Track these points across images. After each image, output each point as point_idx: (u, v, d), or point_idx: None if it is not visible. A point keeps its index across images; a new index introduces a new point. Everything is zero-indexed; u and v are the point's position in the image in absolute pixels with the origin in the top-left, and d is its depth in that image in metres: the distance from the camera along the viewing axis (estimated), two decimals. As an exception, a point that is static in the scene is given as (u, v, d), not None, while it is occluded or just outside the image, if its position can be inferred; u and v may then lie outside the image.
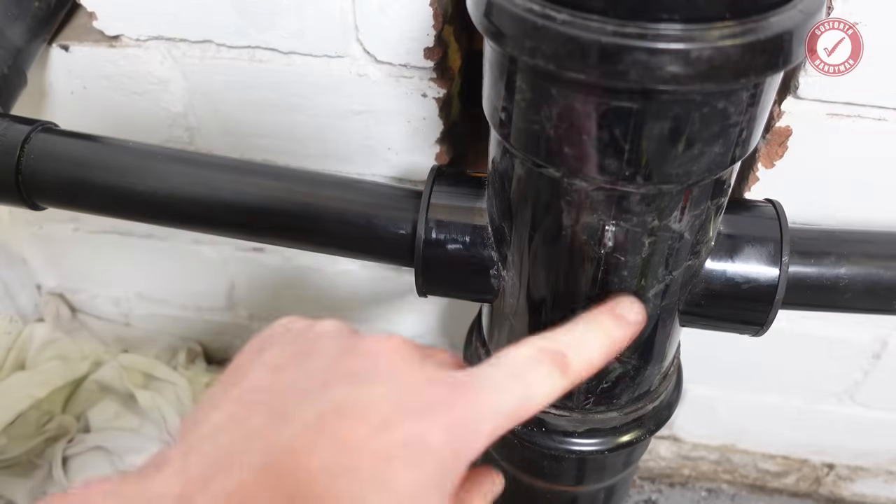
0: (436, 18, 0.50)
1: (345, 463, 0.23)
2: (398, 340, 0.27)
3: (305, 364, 0.26)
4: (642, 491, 0.91)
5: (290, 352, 0.27)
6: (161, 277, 0.83)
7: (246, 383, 0.26)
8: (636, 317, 0.32)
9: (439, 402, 0.25)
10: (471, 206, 0.40)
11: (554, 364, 0.27)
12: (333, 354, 0.27)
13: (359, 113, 0.58)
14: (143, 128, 0.64)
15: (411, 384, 0.25)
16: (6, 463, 0.78)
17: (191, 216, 0.44)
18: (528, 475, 0.50)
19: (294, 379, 0.26)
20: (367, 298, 0.77)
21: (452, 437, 0.24)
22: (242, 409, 0.25)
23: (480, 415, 0.25)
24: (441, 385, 0.25)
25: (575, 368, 0.28)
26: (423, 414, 0.24)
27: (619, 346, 0.30)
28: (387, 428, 0.23)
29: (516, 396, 0.26)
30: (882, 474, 0.87)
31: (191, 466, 0.23)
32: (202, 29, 0.55)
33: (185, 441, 0.25)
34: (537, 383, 0.27)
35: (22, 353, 0.86)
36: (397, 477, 0.23)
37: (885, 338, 0.68)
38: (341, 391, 0.25)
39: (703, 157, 0.30)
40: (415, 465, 0.23)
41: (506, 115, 0.32)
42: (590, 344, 0.29)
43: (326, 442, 0.23)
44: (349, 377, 0.25)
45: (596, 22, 0.25)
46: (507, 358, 0.27)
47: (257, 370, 0.27)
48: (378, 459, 0.23)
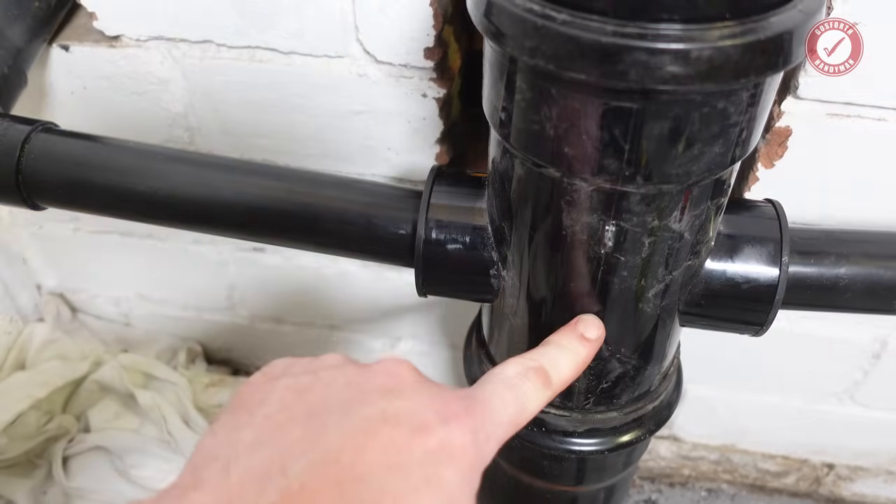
0: (436, 18, 0.50)
1: (396, 462, 0.24)
2: (408, 363, 0.30)
3: (330, 386, 0.28)
4: (642, 491, 0.91)
5: (308, 378, 0.28)
6: (161, 277, 0.83)
7: (272, 405, 0.27)
8: (596, 333, 0.36)
9: (460, 413, 0.27)
10: (471, 206, 0.40)
11: (538, 378, 0.32)
12: (354, 376, 0.28)
13: (359, 113, 0.58)
14: (143, 128, 0.64)
15: (435, 398, 0.28)
16: (6, 463, 0.78)
17: (191, 216, 0.44)
18: (528, 475, 0.50)
19: (324, 397, 0.27)
20: (367, 298, 0.77)
21: (476, 439, 0.27)
22: (277, 425, 0.26)
23: (492, 422, 0.28)
24: (457, 399, 0.28)
25: (554, 382, 0.33)
26: (450, 421, 0.27)
27: (584, 362, 0.35)
28: (427, 433, 0.26)
29: (515, 406, 0.30)
30: (882, 474, 0.87)
31: (233, 480, 0.24)
32: (202, 29, 0.55)
33: (216, 459, 0.25)
34: (529, 395, 0.31)
35: (22, 353, 0.86)
36: (442, 475, 0.25)
37: (885, 338, 0.68)
38: (379, 403, 0.27)
39: (703, 157, 0.30)
40: (453, 463, 0.26)
41: (506, 115, 0.32)
42: (562, 363, 0.34)
43: (376, 444, 0.25)
44: (381, 392, 0.27)
45: (596, 22, 0.25)
46: (501, 374, 0.31)
47: (281, 392, 0.28)
48: (424, 460, 0.25)
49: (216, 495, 0.23)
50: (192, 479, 0.25)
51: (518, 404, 0.30)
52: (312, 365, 0.30)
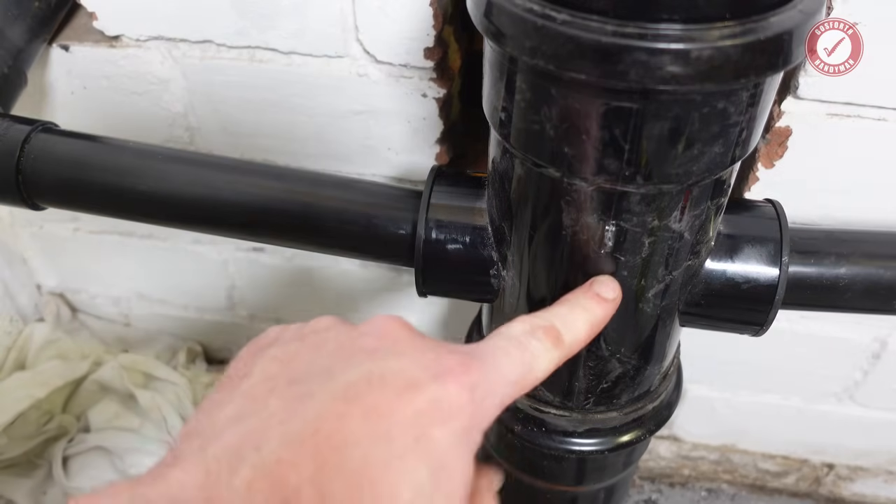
0: (436, 18, 0.50)
1: (379, 429, 0.23)
2: (400, 319, 0.28)
3: (317, 350, 0.27)
4: (642, 491, 0.91)
5: (295, 345, 0.28)
6: (161, 277, 0.83)
7: (255, 377, 0.26)
8: (613, 294, 0.34)
9: (455, 368, 0.25)
10: (471, 206, 0.40)
11: (548, 337, 0.29)
12: (343, 338, 0.27)
13: (359, 113, 0.58)
14: (143, 128, 0.64)
15: (428, 354, 0.26)
16: (6, 463, 0.78)
17: (191, 216, 0.44)
18: (528, 475, 0.50)
19: (309, 363, 0.26)
20: (366, 298, 0.77)
21: (473, 397, 0.25)
22: (257, 398, 0.25)
23: (493, 380, 0.26)
24: (454, 354, 0.26)
25: (566, 341, 0.30)
26: (444, 377, 0.25)
27: (601, 322, 0.33)
28: (414, 391, 0.24)
29: (522, 364, 0.28)
30: (882, 474, 0.87)
31: (210, 457, 0.23)
32: (202, 29, 0.55)
33: (196, 437, 0.25)
34: (537, 354, 0.28)
35: (22, 353, 0.86)
36: (430, 436, 0.23)
37: (885, 338, 0.68)
38: (365, 365, 0.25)
39: (703, 157, 0.30)
40: (444, 423, 0.24)
41: (506, 115, 0.32)
42: (576, 321, 0.31)
43: (357, 410, 0.23)
44: (368, 353, 0.26)
45: (596, 22, 0.25)
46: (507, 331, 0.29)
47: (264, 363, 0.27)
48: (410, 422, 0.23)
49: (193, 473, 0.23)
50: (172, 457, 0.24)
51: (524, 363, 0.28)
52: (302, 330, 0.29)
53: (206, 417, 0.25)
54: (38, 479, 0.80)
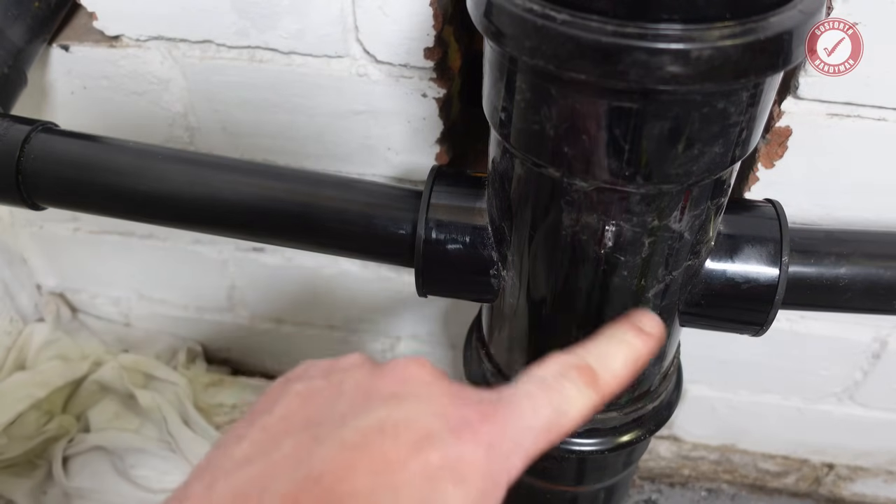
0: (436, 18, 0.50)
1: (386, 483, 0.22)
2: (426, 362, 0.27)
3: (339, 388, 0.26)
4: (642, 491, 0.91)
5: (320, 382, 0.27)
6: (161, 277, 0.83)
7: (275, 413, 0.26)
8: (656, 329, 0.30)
9: (474, 420, 0.24)
10: (471, 206, 0.40)
11: (581, 377, 0.27)
12: (365, 379, 0.26)
13: (359, 113, 0.58)
14: (143, 128, 0.64)
15: (448, 403, 0.25)
16: (6, 463, 0.78)
17: (191, 216, 0.44)
18: (527, 475, 0.50)
19: (327, 404, 0.26)
20: (367, 298, 0.77)
21: (493, 455, 0.24)
22: (272, 437, 0.25)
23: (518, 431, 0.25)
24: (477, 403, 0.25)
25: (604, 381, 0.27)
26: (461, 431, 0.24)
27: (643, 359, 0.29)
28: (428, 446, 0.23)
29: (551, 410, 0.26)
30: (882, 474, 0.87)
31: (214, 498, 0.23)
32: (202, 29, 0.55)
33: (207, 474, 0.24)
34: (570, 396, 0.26)
35: (22, 353, 0.86)
36: (443, 493, 0.22)
37: (885, 338, 0.68)
38: (380, 411, 0.24)
39: (703, 157, 0.30)
40: (461, 485, 0.23)
41: (506, 115, 0.32)
42: (615, 357, 0.28)
43: (366, 462, 0.23)
44: (385, 399, 0.25)
45: (596, 22, 0.25)
46: (537, 373, 0.27)
47: (287, 399, 0.26)
48: (420, 479, 0.22)
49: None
50: (182, 492, 0.24)
51: (554, 408, 0.25)
52: (329, 367, 0.28)
53: (221, 453, 0.25)
54: (38, 479, 0.80)
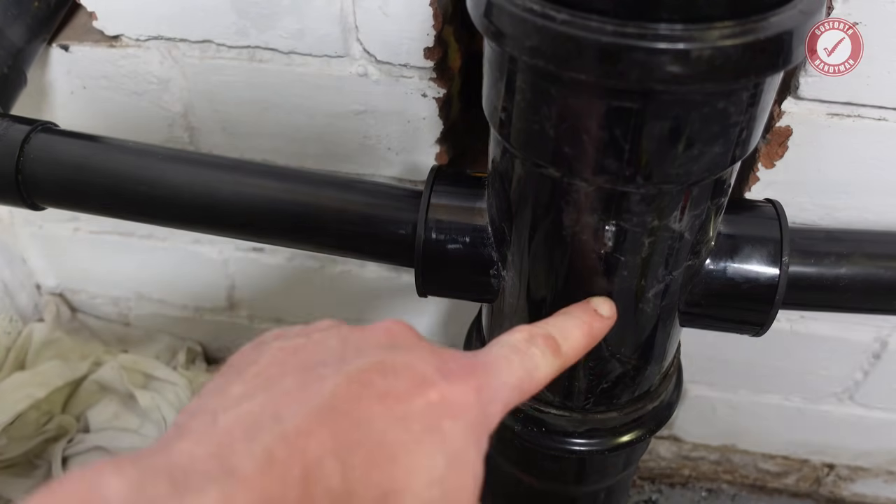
0: (436, 18, 0.50)
1: (396, 413, 0.24)
2: (407, 324, 0.29)
3: (324, 344, 0.27)
4: (642, 491, 0.91)
5: (301, 340, 0.27)
6: (161, 277, 0.83)
7: (262, 363, 0.26)
8: (608, 311, 0.35)
9: (460, 371, 0.26)
10: (471, 206, 0.40)
11: (547, 345, 0.30)
12: (350, 334, 0.28)
13: (359, 113, 0.58)
14: (143, 128, 0.64)
15: (435, 355, 0.27)
16: (6, 463, 0.78)
17: (190, 216, 0.44)
18: (528, 475, 0.50)
19: (319, 352, 0.26)
20: (366, 299, 0.77)
21: (479, 399, 0.26)
22: (269, 378, 0.25)
23: (496, 385, 0.27)
24: (458, 359, 0.27)
25: (564, 350, 0.31)
26: (451, 378, 0.26)
27: (597, 336, 0.34)
28: (427, 386, 0.25)
29: (523, 370, 0.29)
30: (882, 474, 0.87)
31: (221, 427, 0.22)
32: (202, 29, 0.55)
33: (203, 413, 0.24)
34: (537, 360, 0.29)
35: (22, 353, 0.86)
36: (443, 427, 0.24)
37: (885, 338, 0.68)
38: (376, 355, 0.26)
39: (703, 157, 0.30)
40: (455, 418, 0.25)
41: (506, 115, 0.32)
42: (573, 332, 0.32)
43: (372, 393, 0.24)
44: (378, 346, 0.27)
45: (596, 22, 0.25)
46: (507, 339, 0.30)
47: (270, 353, 0.26)
48: (423, 412, 0.24)
49: (203, 444, 0.22)
50: (176, 432, 0.23)
51: (525, 369, 0.29)
52: (305, 329, 0.29)
53: (212, 396, 0.25)
54: (38, 480, 0.79)
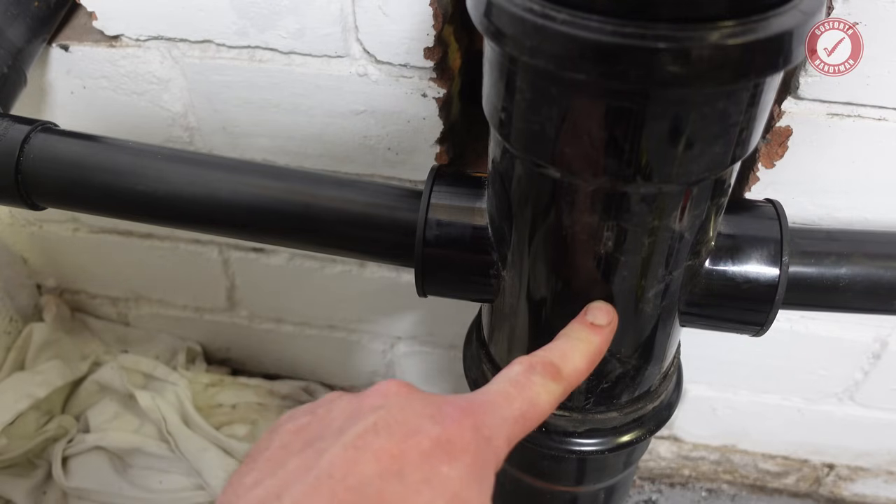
0: (436, 18, 0.50)
1: (391, 469, 0.25)
2: (401, 381, 0.30)
3: (328, 416, 0.29)
4: (642, 491, 0.91)
5: (307, 418, 0.29)
6: (161, 277, 0.83)
7: (273, 446, 0.28)
8: (606, 319, 0.35)
9: (455, 414, 0.27)
10: (471, 206, 0.40)
11: (546, 372, 0.31)
12: (350, 404, 0.29)
13: (359, 113, 0.58)
14: (143, 128, 0.64)
15: (427, 405, 0.28)
16: (6, 463, 0.78)
17: (191, 216, 0.44)
18: (528, 475, 0.50)
19: (321, 427, 0.28)
20: (366, 298, 0.77)
21: (477, 437, 0.27)
22: (276, 461, 0.27)
23: (497, 420, 0.28)
24: (452, 403, 0.28)
25: (566, 374, 0.32)
26: (447, 423, 0.27)
27: (599, 351, 0.34)
28: (420, 436, 0.26)
29: (523, 401, 0.29)
30: (882, 474, 0.87)
31: None
32: (202, 29, 0.55)
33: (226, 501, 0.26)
34: (538, 389, 0.30)
35: (21, 353, 0.86)
36: (440, 473, 0.25)
37: (885, 338, 0.68)
38: (370, 418, 0.27)
39: (703, 157, 0.30)
40: (454, 462, 0.26)
41: (506, 115, 0.32)
42: (573, 354, 0.33)
43: (367, 455, 0.25)
44: (372, 409, 0.28)
45: (596, 22, 0.25)
46: (505, 374, 0.31)
47: (280, 435, 0.29)
48: (419, 462, 0.25)
49: None
50: None
51: (526, 400, 0.29)
52: (311, 407, 0.31)
53: (232, 489, 0.27)
54: (38, 479, 0.80)
